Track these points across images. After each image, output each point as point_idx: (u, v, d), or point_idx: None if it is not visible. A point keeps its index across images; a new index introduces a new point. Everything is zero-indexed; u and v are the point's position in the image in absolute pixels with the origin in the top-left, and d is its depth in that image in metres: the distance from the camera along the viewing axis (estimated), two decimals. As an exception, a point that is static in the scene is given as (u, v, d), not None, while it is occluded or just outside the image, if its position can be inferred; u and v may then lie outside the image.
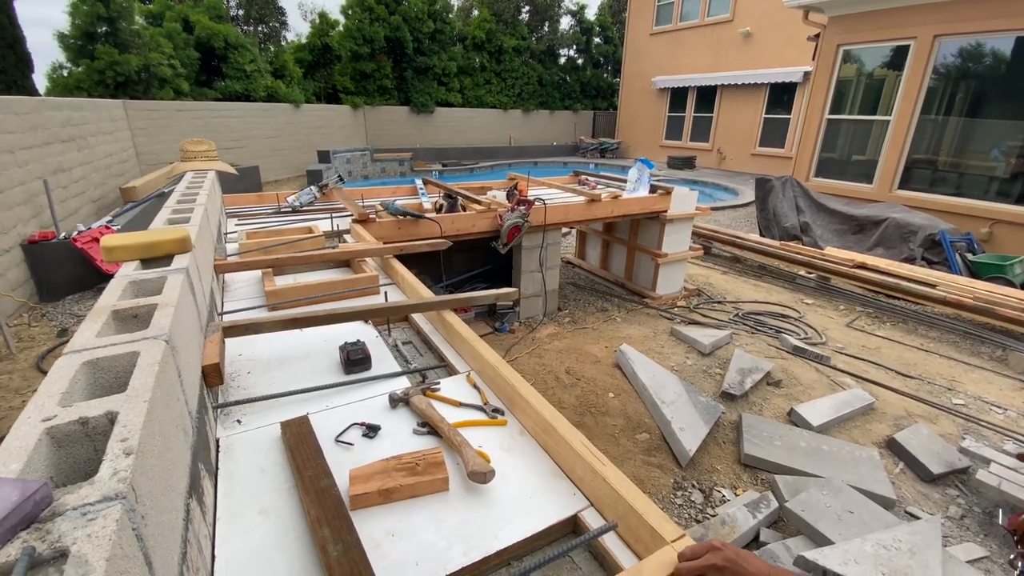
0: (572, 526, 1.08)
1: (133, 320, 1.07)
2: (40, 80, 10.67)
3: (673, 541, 0.88)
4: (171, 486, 0.77)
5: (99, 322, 0.98)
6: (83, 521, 0.50)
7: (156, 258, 1.43)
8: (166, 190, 8.05)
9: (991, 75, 6.15)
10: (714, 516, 2.32)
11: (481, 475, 1.09)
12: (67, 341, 4.12)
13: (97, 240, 4.86)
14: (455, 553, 0.96)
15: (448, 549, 0.97)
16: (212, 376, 1.29)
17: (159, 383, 0.80)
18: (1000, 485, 2.33)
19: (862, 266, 5.32)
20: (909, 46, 6.55)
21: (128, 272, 1.30)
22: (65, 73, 10.47)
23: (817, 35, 7.72)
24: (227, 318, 1.99)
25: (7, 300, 4.15)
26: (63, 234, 4.85)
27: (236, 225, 3.55)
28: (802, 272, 5.70)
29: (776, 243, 6.25)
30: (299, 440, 1.21)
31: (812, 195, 6.96)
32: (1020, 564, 0.78)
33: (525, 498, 1.11)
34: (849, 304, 5.09)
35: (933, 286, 4.77)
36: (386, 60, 16.58)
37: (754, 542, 2.20)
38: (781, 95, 13.64)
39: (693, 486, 2.61)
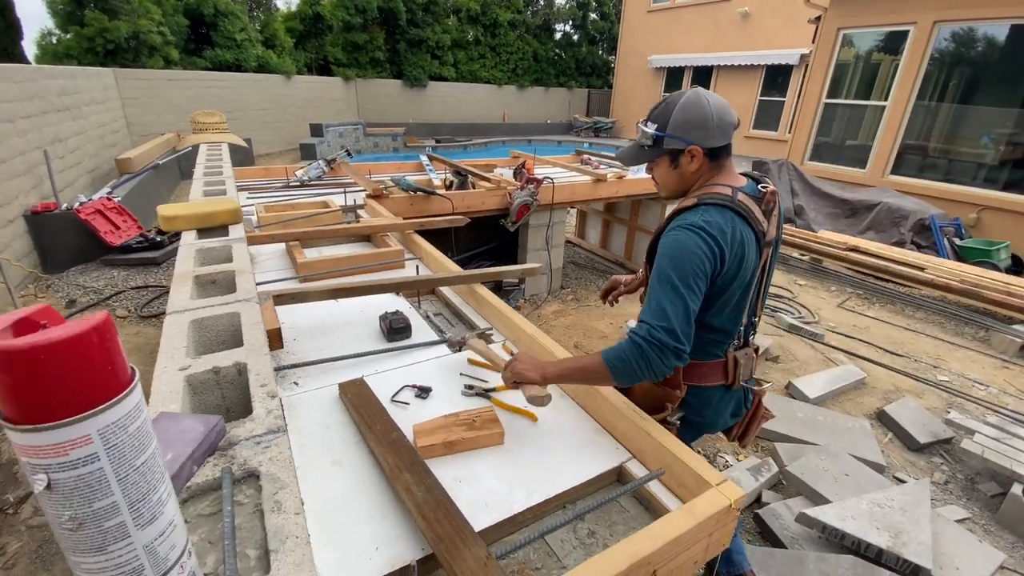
0: (617, 476, 1.19)
1: (212, 285, 1.14)
2: (29, 48, 10.34)
3: (717, 484, 1.00)
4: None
5: (187, 286, 1.05)
6: (259, 449, 0.59)
7: (211, 228, 1.50)
8: (160, 162, 7.94)
9: (984, 62, 6.26)
10: (718, 480, 2.48)
11: (540, 399, 1.18)
12: (77, 312, 4.13)
13: (100, 212, 4.83)
14: (518, 496, 1.07)
15: (511, 493, 1.08)
16: (275, 340, 1.37)
17: (264, 340, 0.89)
18: (983, 453, 2.51)
19: (854, 249, 5.48)
20: (908, 31, 6.62)
21: (191, 241, 1.37)
22: (54, 40, 10.14)
23: (818, 18, 7.75)
24: (261, 288, 2.06)
25: (16, 270, 4.14)
26: (65, 205, 4.80)
27: (248, 198, 3.57)
28: (795, 254, 5.86)
29: (771, 225, 6.37)
30: (361, 399, 1.30)
31: (807, 178, 7.09)
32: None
33: (572, 451, 1.22)
34: (840, 285, 5.26)
35: (922, 269, 4.95)
36: (379, 31, 16.21)
37: (756, 502, 2.36)
38: (776, 77, 13.64)
39: (699, 452, 2.76)
